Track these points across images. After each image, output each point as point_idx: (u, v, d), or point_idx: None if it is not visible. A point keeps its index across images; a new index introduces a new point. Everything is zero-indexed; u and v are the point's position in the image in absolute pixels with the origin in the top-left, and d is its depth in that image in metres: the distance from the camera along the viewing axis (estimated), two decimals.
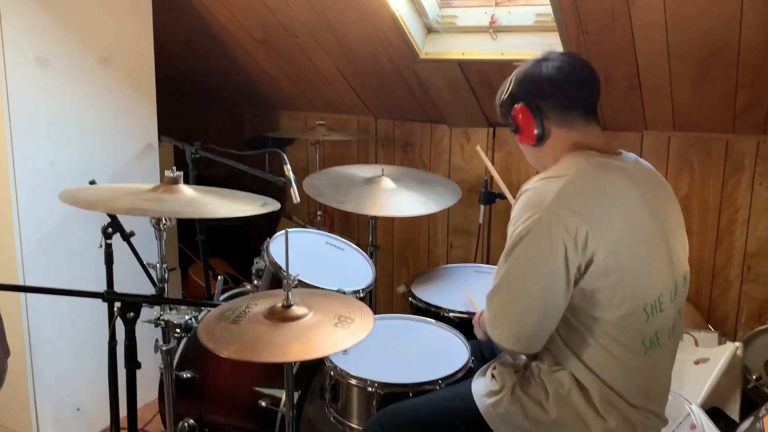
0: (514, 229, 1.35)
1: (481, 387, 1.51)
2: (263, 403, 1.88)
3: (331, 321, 1.47)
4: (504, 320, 1.38)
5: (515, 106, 1.46)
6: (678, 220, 1.50)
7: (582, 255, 1.30)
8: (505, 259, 1.37)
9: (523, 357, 1.49)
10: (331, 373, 1.74)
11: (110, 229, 1.97)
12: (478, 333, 1.64)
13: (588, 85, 1.46)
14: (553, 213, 1.30)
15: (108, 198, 1.70)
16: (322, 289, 1.91)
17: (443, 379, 1.66)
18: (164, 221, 1.75)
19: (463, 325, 1.93)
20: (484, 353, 1.80)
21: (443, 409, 1.51)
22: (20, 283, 2.22)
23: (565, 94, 1.44)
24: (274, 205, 1.78)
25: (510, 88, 1.49)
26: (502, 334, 1.39)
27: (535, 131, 1.45)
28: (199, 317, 1.70)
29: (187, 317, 1.68)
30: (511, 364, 1.53)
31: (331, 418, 1.77)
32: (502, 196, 2.58)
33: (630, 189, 1.39)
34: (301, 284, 1.90)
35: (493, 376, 1.52)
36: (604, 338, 1.35)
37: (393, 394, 1.64)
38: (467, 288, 2.08)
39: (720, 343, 2.33)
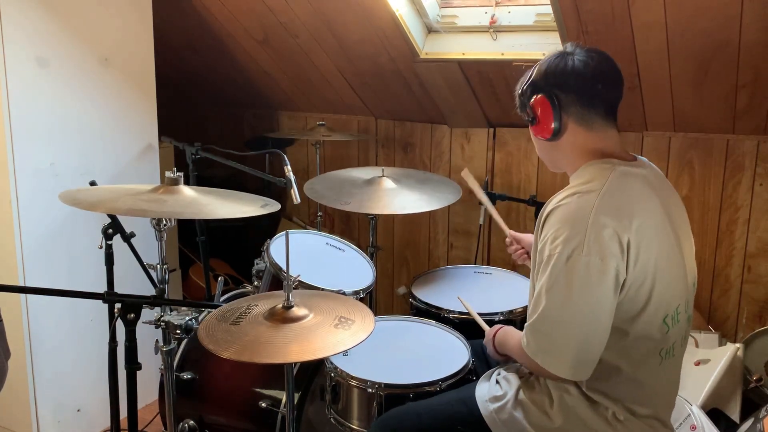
0: (554, 247, 1.29)
1: (484, 392, 1.50)
2: (263, 404, 1.88)
3: (332, 322, 1.47)
4: (562, 348, 1.30)
5: (535, 96, 1.41)
6: (687, 226, 1.48)
7: (625, 266, 1.28)
8: (550, 282, 1.29)
9: None
10: (332, 374, 1.74)
11: (110, 230, 1.97)
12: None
13: (613, 84, 1.41)
14: (600, 226, 1.26)
15: (108, 199, 1.70)
16: (323, 290, 1.91)
17: (444, 380, 1.66)
18: (164, 222, 1.75)
19: (464, 326, 1.93)
20: (485, 354, 1.79)
21: (446, 414, 1.50)
22: (20, 283, 2.22)
23: (588, 90, 1.39)
24: (274, 206, 1.78)
25: (532, 78, 1.43)
26: (560, 365, 1.31)
27: (553, 125, 1.40)
28: (200, 318, 1.69)
29: (187, 318, 1.68)
30: (515, 369, 1.52)
31: (332, 419, 1.76)
32: (503, 197, 2.58)
33: (652, 198, 1.37)
34: (302, 285, 1.90)
35: (497, 381, 1.51)
36: (620, 352, 1.33)
37: (393, 395, 1.64)
38: (464, 292, 2.07)
39: (720, 344, 2.33)
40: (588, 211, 1.29)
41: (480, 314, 1.95)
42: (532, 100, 1.42)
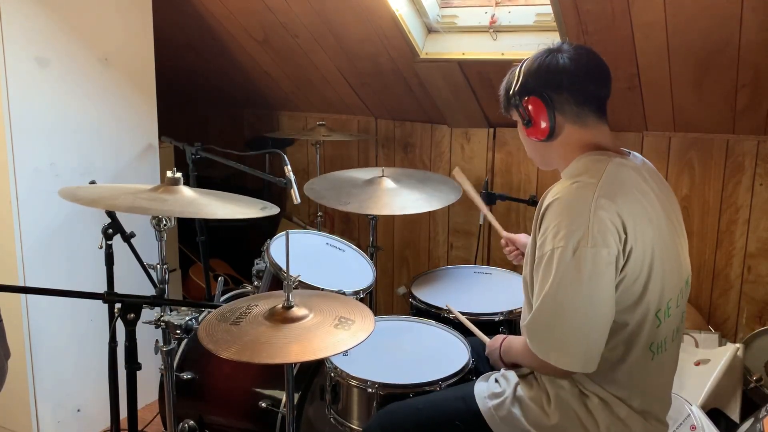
0: (558, 241, 1.27)
1: (483, 389, 1.51)
2: (263, 405, 1.88)
3: (332, 322, 1.47)
4: (572, 343, 1.28)
5: (527, 97, 1.40)
6: (681, 223, 1.48)
7: (623, 257, 1.27)
8: (557, 277, 1.27)
9: None
10: (332, 374, 1.74)
11: (110, 230, 1.97)
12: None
13: (603, 81, 1.41)
14: (601, 217, 1.26)
15: (108, 196, 1.70)
16: (323, 290, 1.91)
17: (443, 380, 1.66)
18: (164, 222, 1.75)
19: (464, 325, 1.93)
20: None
21: (444, 410, 1.51)
22: (20, 283, 2.22)
23: (580, 88, 1.38)
24: (273, 210, 1.78)
25: (521, 79, 1.41)
26: (572, 360, 1.28)
27: (548, 126, 1.39)
28: (200, 318, 1.69)
29: (187, 318, 1.68)
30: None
31: (332, 419, 1.76)
32: (503, 197, 2.58)
33: (648, 190, 1.37)
34: (302, 285, 1.90)
35: (496, 379, 1.52)
36: (613, 344, 1.33)
37: (393, 395, 1.64)
38: (464, 292, 2.07)
39: (720, 344, 2.33)
40: (589, 201, 1.28)
41: (480, 314, 1.95)
42: (525, 101, 1.40)
